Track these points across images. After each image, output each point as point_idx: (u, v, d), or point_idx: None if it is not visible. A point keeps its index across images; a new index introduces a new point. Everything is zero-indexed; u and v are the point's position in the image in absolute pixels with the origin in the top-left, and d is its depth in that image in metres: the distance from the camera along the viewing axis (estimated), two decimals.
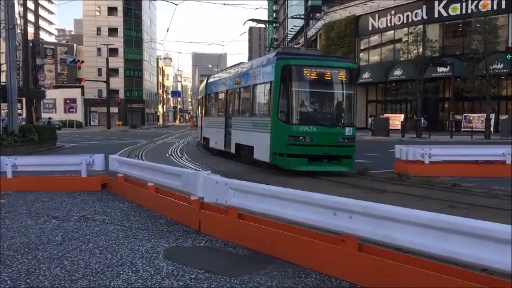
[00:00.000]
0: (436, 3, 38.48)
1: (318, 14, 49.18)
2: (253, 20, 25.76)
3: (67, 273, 4.78)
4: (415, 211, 4.21)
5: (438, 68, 36.00)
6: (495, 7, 34.81)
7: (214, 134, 19.46)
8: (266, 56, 14.74)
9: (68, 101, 69.16)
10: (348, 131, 12.68)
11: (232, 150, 16.28)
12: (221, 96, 19.13)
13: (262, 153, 13.36)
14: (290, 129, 12.34)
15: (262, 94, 14.17)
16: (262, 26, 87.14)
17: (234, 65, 19.06)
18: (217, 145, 18.67)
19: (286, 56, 13.16)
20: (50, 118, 50.49)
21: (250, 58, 73.26)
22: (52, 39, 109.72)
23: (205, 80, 23.33)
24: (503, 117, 34.52)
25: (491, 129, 31.20)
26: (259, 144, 13.66)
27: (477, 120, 35.24)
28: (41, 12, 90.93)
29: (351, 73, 12.99)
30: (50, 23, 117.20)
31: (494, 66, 31.96)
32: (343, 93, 13.05)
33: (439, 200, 8.93)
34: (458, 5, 37.50)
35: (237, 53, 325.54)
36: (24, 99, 29.49)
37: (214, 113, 20.56)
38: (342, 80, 12.80)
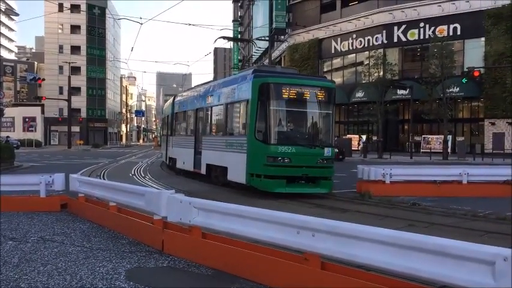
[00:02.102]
0: (396, 28, 39.84)
1: (282, 36, 50.02)
2: (224, 37, 26.08)
3: None
4: (376, 229, 4.31)
5: (398, 90, 37.12)
6: (451, 33, 36.34)
7: (182, 154, 18.80)
8: (241, 74, 14.32)
9: (27, 120, 67.32)
10: (327, 151, 12.33)
11: (203, 171, 15.65)
12: (190, 114, 18.38)
13: (237, 174, 12.85)
14: (268, 149, 11.88)
15: (237, 113, 13.69)
16: (228, 46, 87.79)
17: (203, 83, 18.60)
18: (185, 165, 18.02)
19: (263, 73, 12.77)
20: (7, 137, 48.94)
21: (215, 78, 73.55)
22: (12, 56, 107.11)
23: (172, 98, 22.56)
24: (459, 138, 35.79)
25: (449, 150, 32.28)
26: (233, 165, 13.16)
27: (435, 141, 36.37)
28: (1, 29, 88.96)
29: (330, 92, 12.70)
30: (10, 40, 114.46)
31: (450, 90, 33.24)
32: (321, 112, 12.76)
33: (400, 219, 9.13)
34: (416, 31, 38.94)
35: (202, 73, 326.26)
36: None
37: (182, 132, 19.80)
38: (320, 100, 12.51)
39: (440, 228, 8.13)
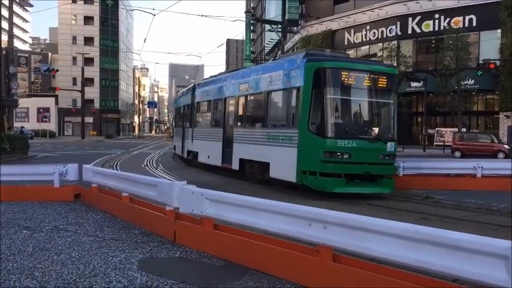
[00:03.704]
0: (410, 19, 39.36)
1: (295, 28, 49.76)
2: (257, 19, 25.85)
3: (38, 285, 4.68)
4: (388, 221, 4.28)
5: (412, 83, 36.74)
6: (466, 25, 35.82)
7: (206, 148, 17.23)
8: (287, 58, 12.76)
9: (41, 110, 67.84)
10: (390, 146, 11.06)
11: (234, 166, 14.36)
12: (217, 104, 16.85)
13: (283, 171, 11.61)
14: (325, 143, 10.54)
15: (283, 102, 12.38)
16: (240, 38, 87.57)
17: (232, 70, 17.20)
18: (210, 160, 16.65)
19: (318, 57, 11.45)
20: (22, 127, 49.46)
21: (227, 70, 73.48)
22: (26, 47, 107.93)
23: (192, 87, 20.73)
24: (474, 131, 35.38)
25: None
26: (278, 161, 11.89)
27: (449, 134, 36.02)
28: (15, 20, 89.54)
29: (392, 79, 11.46)
30: (24, 31, 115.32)
31: (465, 82, 32.82)
32: (384, 102, 11.53)
33: (412, 212, 9.09)
34: (431, 22, 38.42)
35: (215, 64, 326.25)
36: None
37: (206, 123, 18.12)
38: (383, 87, 11.24)
39: (453, 222, 8.08)
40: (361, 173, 10.82)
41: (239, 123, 14.82)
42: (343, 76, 10.88)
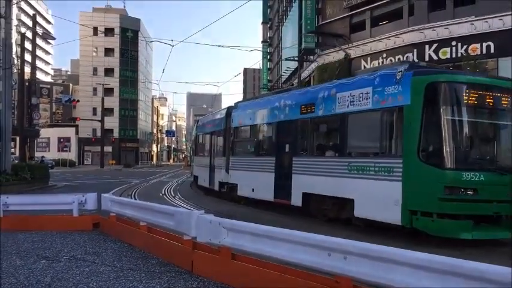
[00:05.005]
0: (427, 47, 39.38)
1: (312, 56, 50.15)
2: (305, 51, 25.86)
3: None
4: (412, 252, 4.15)
5: None
6: (484, 51, 35.67)
7: (248, 179, 15.22)
8: (379, 72, 10.20)
9: (61, 140, 68.97)
10: None
11: (295, 201, 12.41)
12: (265, 129, 15.06)
13: (378, 209, 9.53)
14: (445, 176, 8.57)
15: (373, 125, 10.13)
16: (257, 67, 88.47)
17: (283, 90, 15.04)
18: (256, 194, 14.68)
19: (427, 70, 9.74)
20: (43, 157, 50.22)
21: (245, 98, 74.06)
22: (48, 78, 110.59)
23: (225, 111, 18.38)
24: None
25: None
26: (369, 197, 9.79)
27: None
28: (38, 52, 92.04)
29: None
30: (47, 63, 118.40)
31: None
32: None
33: None
34: (448, 49, 38.34)
35: (232, 93, 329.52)
36: (18, 138, 29.46)
37: (248, 151, 16.05)
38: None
39: None
40: (490, 213, 8.69)
41: (301, 151, 12.72)
42: (466, 92, 8.88)
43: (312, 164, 12.01)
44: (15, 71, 26.92)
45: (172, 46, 28.62)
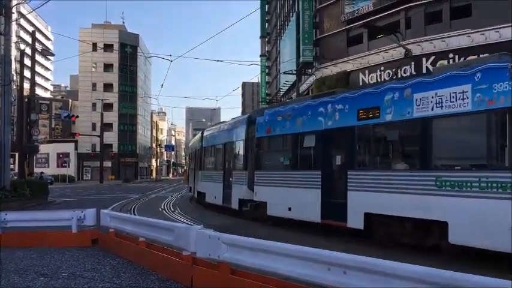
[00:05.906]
0: (424, 59, 39.62)
1: (310, 70, 50.39)
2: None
3: None
4: (412, 266, 4.13)
5: None
6: None
7: (284, 196, 13.14)
8: (479, 66, 8.25)
9: (60, 156, 69.05)
10: None
11: (353, 223, 10.49)
12: (305, 139, 12.70)
13: (485, 235, 7.69)
14: None
15: (472, 131, 8.54)
16: (255, 81, 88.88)
17: (324, 93, 13.65)
18: (293, 213, 12.69)
19: None
20: (42, 173, 50.18)
21: (243, 113, 74.11)
22: (47, 94, 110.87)
23: (245, 120, 16.41)
24: None
25: None
26: (473, 220, 7.92)
27: None
28: (38, 68, 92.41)
29: None
30: (46, 79, 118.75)
31: None
32: None
33: None
34: (445, 62, 38.59)
35: (231, 107, 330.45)
36: (17, 154, 29.44)
37: (282, 164, 13.90)
38: None
39: None
40: None
41: (360, 164, 10.87)
42: None
43: (377, 179, 10.08)
44: (14, 87, 27.00)
45: (171, 61, 28.73)
